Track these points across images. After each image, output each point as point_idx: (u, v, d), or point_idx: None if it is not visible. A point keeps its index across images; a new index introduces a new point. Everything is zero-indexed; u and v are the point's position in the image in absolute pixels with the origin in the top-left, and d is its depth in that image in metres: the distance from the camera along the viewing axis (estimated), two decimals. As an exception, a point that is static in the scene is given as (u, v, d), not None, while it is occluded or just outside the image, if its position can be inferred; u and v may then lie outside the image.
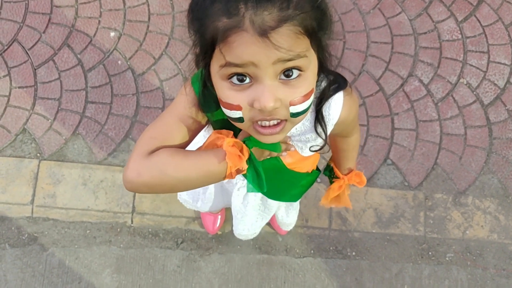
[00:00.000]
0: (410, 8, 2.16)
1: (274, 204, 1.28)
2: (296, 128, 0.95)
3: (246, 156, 0.85)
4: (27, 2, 2.13)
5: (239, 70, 0.73)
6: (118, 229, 1.87)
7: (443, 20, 2.16)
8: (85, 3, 2.13)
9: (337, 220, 1.93)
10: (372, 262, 1.88)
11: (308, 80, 0.75)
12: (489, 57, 2.12)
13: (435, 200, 1.97)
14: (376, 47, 2.11)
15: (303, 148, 0.99)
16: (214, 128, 0.92)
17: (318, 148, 0.98)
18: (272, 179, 1.08)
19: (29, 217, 1.87)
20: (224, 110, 0.79)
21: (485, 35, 2.15)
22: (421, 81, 2.08)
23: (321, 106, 0.90)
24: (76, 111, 2.00)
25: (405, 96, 2.07)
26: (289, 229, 1.63)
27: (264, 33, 0.68)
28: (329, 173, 1.28)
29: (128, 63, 2.07)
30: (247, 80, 0.74)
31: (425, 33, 2.14)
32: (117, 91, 2.03)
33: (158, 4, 2.14)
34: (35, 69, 2.05)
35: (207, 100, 0.86)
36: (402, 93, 2.07)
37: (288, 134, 0.97)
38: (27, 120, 1.99)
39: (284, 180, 1.12)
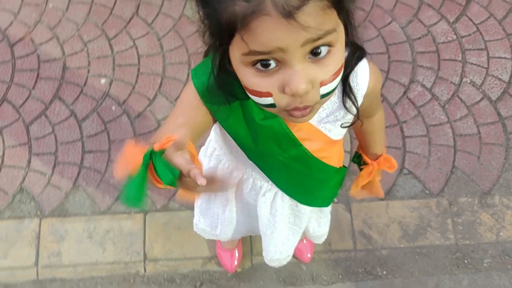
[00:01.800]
0: (399, 16, 2.14)
1: (305, 212, 1.18)
2: (324, 108, 0.88)
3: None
4: (13, 61, 2.09)
5: (265, 57, 0.66)
6: (131, 280, 1.74)
7: (435, 24, 2.13)
8: (72, 54, 2.10)
9: (361, 239, 1.81)
10: (405, 279, 1.75)
11: (338, 54, 0.69)
12: (488, 53, 2.08)
13: (460, 205, 1.86)
14: (372, 58, 2.06)
15: (331, 129, 0.92)
16: (220, 122, 0.86)
17: (349, 124, 0.91)
18: (300, 174, 0.99)
19: (35, 280, 1.75)
20: (252, 97, 0.72)
21: (480, 33, 2.11)
22: (423, 86, 2.03)
23: (348, 77, 0.83)
24: (74, 163, 1.92)
25: (410, 103, 2.00)
26: (322, 241, 1.51)
27: (289, 14, 0.61)
28: (358, 159, 1.20)
29: (123, 107, 2.00)
30: (273, 65, 0.66)
31: (419, 38, 2.11)
32: (114, 137, 1.96)
33: (146, 45, 2.11)
34: (27, 126, 1.98)
35: (212, 93, 0.79)
36: (407, 100, 2.01)
37: (317, 118, 0.90)
38: (24, 178, 1.90)
39: (312, 176, 1.02)
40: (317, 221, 1.36)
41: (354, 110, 0.89)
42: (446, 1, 2.17)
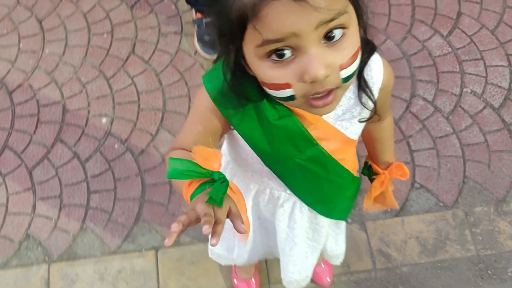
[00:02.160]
0: (393, 34, 2.16)
1: (324, 226, 1.15)
2: (340, 105, 0.87)
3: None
4: (13, 108, 2.08)
5: (279, 45, 0.65)
6: (147, 320, 1.67)
7: (429, 38, 2.15)
8: (71, 96, 2.09)
9: (380, 258, 1.76)
10: (430, 296, 1.69)
11: (353, 36, 0.69)
12: (484, 63, 2.09)
13: (476, 215, 1.82)
14: (371, 76, 2.07)
15: (347, 127, 0.90)
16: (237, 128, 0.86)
17: (366, 118, 0.90)
18: (318, 178, 0.97)
19: (46, 329, 1.68)
20: (270, 92, 0.71)
21: (474, 43, 2.14)
22: (425, 99, 2.03)
23: (362, 72, 0.83)
24: (80, 204, 1.88)
25: (414, 117, 2.00)
26: (340, 262, 1.46)
27: None
28: (368, 171, 1.17)
29: (125, 145, 1.98)
30: (289, 53, 0.66)
31: (415, 53, 2.12)
32: (119, 175, 1.93)
33: (144, 82, 2.11)
34: (30, 171, 1.95)
35: (226, 97, 0.80)
36: (410, 115, 2.00)
37: (334, 116, 0.88)
38: (30, 224, 1.85)
39: (330, 180, 1.00)
40: (335, 239, 1.32)
41: (370, 105, 0.88)
42: (437, 16, 2.20)
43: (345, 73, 0.69)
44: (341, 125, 0.90)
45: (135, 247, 1.79)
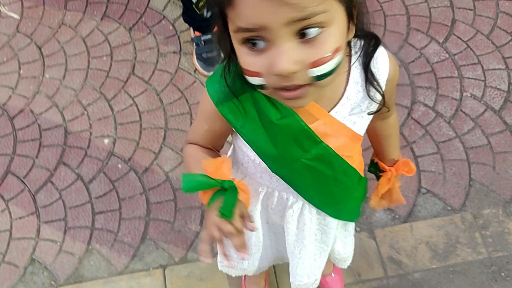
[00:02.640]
0: (390, 43, 2.18)
1: (332, 227, 1.13)
2: (348, 99, 0.87)
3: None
4: (14, 133, 2.08)
5: (251, 34, 0.66)
6: None
7: (426, 46, 2.17)
8: (73, 119, 2.09)
9: (391, 265, 1.74)
10: (445, 301, 1.66)
11: (333, 36, 0.67)
12: (482, 67, 2.11)
13: (485, 217, 1.81)
14: (370, 85, 2.08)
15: (356, 121, 0.90)
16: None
17: (375, 111, 0.90)
18: (325, 178, 0.96)
19: None
20: (246, 77, 0.72)
21: (471, 49, 2.16)
22: (426, 105, 2.03)
23: (368, 65, 0.83)
24: (85, 226, 1.86)
25: (416, 123, 2.00)
26: (347, 265, 1.43)
27: None
28: (374, 168, 1.17)
29: (129, 164, 1.98)
30: (262, 44, 0.66)
31: (413, 61, 2.14)
32: (124, 195, 1.91)
33: (146, 102, 2.12)
34: (33, 195, 1.93)
35: (226, 96, 0.83)
36: (412, 121, 2.00)
37: (342, 112, 0.87)
38: (34, 249, 1.83)
39: (338, 180, 0.99)
40: (342, 242, 1.31)
41: (378, 98, 0.88)
42: (432, 24, 2.23)
43: (317, 71, 0.67)
44: (350, 120, 0.90)
45: (143, 266, 1.77)
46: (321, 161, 0.92)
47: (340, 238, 1.28)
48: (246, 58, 0.69)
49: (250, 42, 0.67)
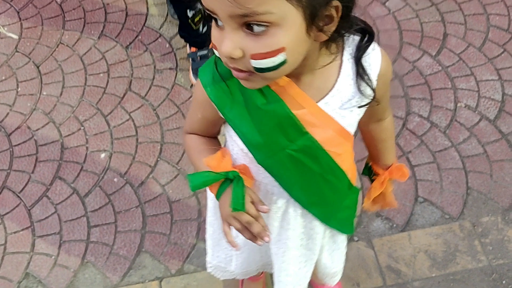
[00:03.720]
0: (384, 57, 2.21)
1: (319, 232, 1.11)
2: (339, 91, 0.87)
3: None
4: (11, 149, 2.08)
5: (211, 13, 0.71)
6: None
7: (418, 59, 2.20)
8: (69, 134, 2.10)
9: (390, 274, 1.71)
10: (446, 310, 1.63)
11: (277, 37, 0.69)
12: (475, 78, 2.13)
13: (484, 225, 1.79)
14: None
15: (345, 116, 0.89)
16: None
17: (365, 104, 0.89)
18: (311, 173, 0.95)
19: None
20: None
21: (463, 61, 2.19)
22: (420, 116, 2.05)
23: (360, 59, 0.84)
24: (80, 240, 1.84)
25: (411, 133, 2.01)
26: (335, 282, 1.40)
27: None
28: (368, 171, 1.17)
29: (125, 178, 1.97)
30: (220, 22, 0.71)
31: (406, 74, 2.17)
32: (120, 208, 1.90)
33: (142, 117, 2.13)
34: (29, 210, 1.92)
35: (216, 80, 0.87)
36: (407, 132, 2.01)
37: (334, 104, 0.88)
38: (28, 263, 1.80)
39: (324, 178, 0.98)
40: (330, 254, 1.27)
41: (368, 93, 0.88)
42: (424, 38, 2.27)
43: (257, 63, 0.71)
44: (339, 113, 0.89)
45: (138, 279, 1.74)
46: (307, 153, 0.91)
47: (327, 250, 1.25)
48: (213, 30, 0.74)
49: (214, 18, 0.72)
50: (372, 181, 1.18)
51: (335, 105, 0.88)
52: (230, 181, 0.92)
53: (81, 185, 1.97)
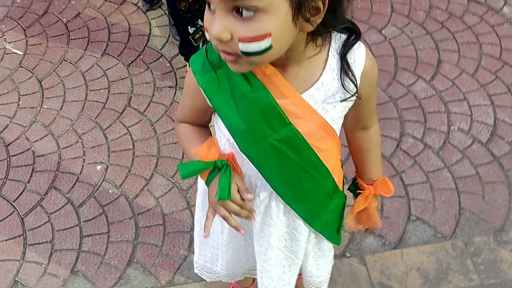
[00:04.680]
0: (379, 81, 2.23)
1: (302, 233, 1.11)
2: (324, 84, 0.90)
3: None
4: (8, 159, 2.10)
5: None
6: None
7: (413, 83, 2.25)
8: (67, 147, 2.12)
9: (382, 291, 1.70)
10: (438, 328, 1.61)
11: (264, 22, 0.73)
12: (468, 103, 2.18)
13: (476, 244, 1.79)
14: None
15: (328, 110, 0.91)
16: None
17: (348, 97, 0.91)
18: (293, 165, 0.97)
19: None
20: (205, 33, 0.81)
21: (457, 86, 2.23)
22: (414, 137, 2.08)
23: (345, 55, 0.88)
24: (71, 249, 1.83)
25: (405, 153, 2.03)
26: None
27: None
28: (354, 187, 1.17)
29: (120, 189, 1.98)
30: (212, 6, 0.75)
31: (401, 97, 2.21)
32: (113, 219, 1.90)
33: (140, 131, 2.16)
34: (22, 218, 1.92)
35: (206, 67, 0.90)
36: (401, 152, 2.04)
37: (317, 96, 0.90)
38: (18, 271, 1.79)
39: (307, 172, 0.98)
40: (315, 261, 1.26)
41: (352, 88, 0.90)
42: (419, 64, 2.32)
43: (243, 47, 0.75)
44: (322, 107, 0.91)
45: (128, 289, 1.73)
46: (289, 145, 0.93)
47: (313, 256, 1.24)
48: (206, 14, 0.78)
49: (207, 3, 0.76)
50: (356, 196, 1.17)
51: (319, 98, 0.90)
52: (219, 169, 0.95)
53: (75, 195, 1.97)
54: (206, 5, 0.77)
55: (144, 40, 2.50)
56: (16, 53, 2.48)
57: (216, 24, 0.74)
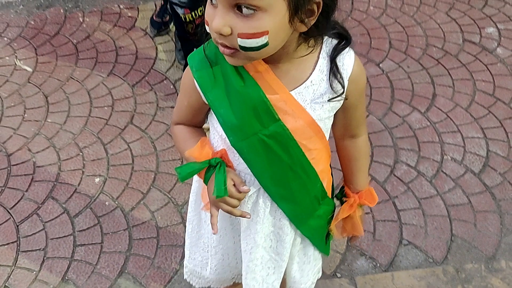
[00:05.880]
0: (375, 110, 2.32)
1: (288, 233, 1.14)
2: (314, 84, 0.95)
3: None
4: (9, 168, 2.14)
5: None
6: None
7: (408, 114, 2.31)
8: (68, 159, 2.16)
9: (372, 312, 1.69)
10: None
11: (262, 20, 0.79)
12: (462, 135, 2.23)
13: (467, 271, 1.80)
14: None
15: (316, 109, 0.96)
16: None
17: (334, 97, 0.96)
18: (281, 163, 1.00)
19: None
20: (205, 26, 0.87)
21: (451, 119, 2.29)
22: (408, 164, 2.12)
23: (335, 58, 0.93)
24: (64, 257, 1.84)
25: (398, 180, 2.07)
26: None
27: None
28: (341, 195, 1.20)
29: (116, 202, 2.01)
30: (214, 1, 0.81)
31: (396, 126, 2.27)
32: (107, 230, 1.92)
33: (140, 147, 2.20)
34: (17, 225, 1.94)
35: (202, 62, 0.95)
36: (395, 178, 2.07)
37: (305, 95, 0.95)
38: (9, 276, 1.79)
39: (294, 171, 1.02)
40: (300, 267, 1.27)
41: (339, 89, 0.95)
42: (414, 96, 2.39)
43: (242, 42, 0.80)
44: (310, 106, 0.96)
45: (117, 298, 1.72)
46: (278, 141, 0.97)
47: (297, 262, 1.25)
48: (207, 7, 0.84)
49: None
50: (342, 203, 1.20)
51: (307, 96, 0.95)
52: (214, 167, 1.00)
53: (72, 205, 2.00)
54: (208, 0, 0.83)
55: (150, 63, 2.58)
56: (25, 69, 2.56)
57: (218, 19, 0.80)
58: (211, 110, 1.01)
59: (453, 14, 2.82)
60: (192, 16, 2.17)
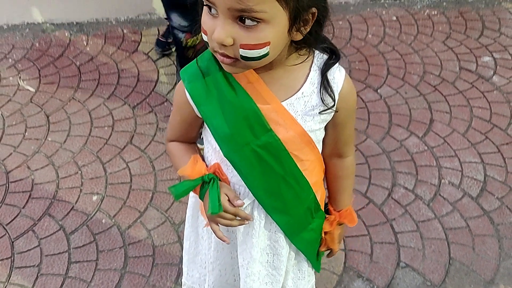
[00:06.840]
0: (373, 134, 2.34)
1: (284, 246, 1.14)
2: (304, 95, 0.96)
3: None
4: (7, 185, 2.14)
5: (208, 3, 0.82)
6: None
7: (406, 138, 2.33)
8: (66, 177, 2.17)
9: (369, 334, 1.67)
10: None
11: (264, 32, 0.81)
12: (459, 159, 2.24)
13: (466, 295, 1.78)
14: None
15: (307, 120, 0.97)
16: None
17: (325, 109, 0.97)
18: (274, 174, 1.01)
19: None
20: (202, 35, 0.87)
21: (448, 144, 2.31)
22: (406, 188, 2.12)
23: (326, 71, 0.95)
24: (58, 274, 1.83)
25: (396, 202, 2.06)
26: None
27: None
28: (325, 211, 1.20)
29: (113, 220, 2.00)
30: (215, 11, 0.82)
31: (394, 150, 2.28)
32: (103, 247, 1.91)
33: (138, 167, 2.21)
34: (12, 242, 1.93)
35: (195, 74, 0.96)
36: (392, 201, 2.07)
37: (296, 106, 0.96)
38: (2, 292, 1.78)
39: (287, 182, 1.03)
40: (294, 282, 1.26)
41: (329, 102, 0.96)
42: (412, 121, 2.41)
43: (244, 52, 0.82)
44: (301, 117, 0.97)
45: (110, 316, 1.70)
46: (270, 152, 0.98)
47: (292, 277, 1.25)
48: (204, 16, 0.84)
49: (208, 6, 0.83)
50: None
51: (298, 108, 0.96)
52: (208, 183, 1.01)
53: (68, 223, 1.99)
54: (205, 8, 0.84)
55: (151, 85, 2.62)
56: (28, 89, 2.60)
57: (220, 30, 0.80)
58: (204, 124, 1.02)
59: (450, 43, 2.88)
60: (193, 41, 2.21)
